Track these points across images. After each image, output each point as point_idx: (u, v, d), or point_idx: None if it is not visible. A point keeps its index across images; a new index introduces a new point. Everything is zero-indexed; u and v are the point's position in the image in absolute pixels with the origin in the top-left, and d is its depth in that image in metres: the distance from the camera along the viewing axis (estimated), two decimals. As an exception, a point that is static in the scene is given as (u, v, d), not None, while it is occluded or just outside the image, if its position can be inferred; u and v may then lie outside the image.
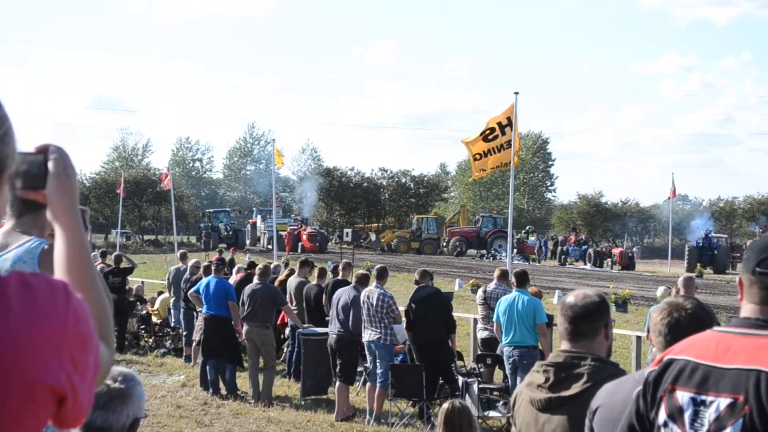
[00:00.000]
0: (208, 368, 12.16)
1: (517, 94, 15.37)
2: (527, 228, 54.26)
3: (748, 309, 2.18)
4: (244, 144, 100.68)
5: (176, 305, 15.89)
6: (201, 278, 13.20)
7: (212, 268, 12.76)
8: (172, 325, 16.35)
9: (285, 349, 13.96)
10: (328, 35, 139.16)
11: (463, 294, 24.99)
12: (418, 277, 11.07)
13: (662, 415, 2.22)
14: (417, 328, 10.64)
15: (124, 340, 15.76)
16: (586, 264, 46.06)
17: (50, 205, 1.62)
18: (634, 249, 56.43)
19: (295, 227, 50.54)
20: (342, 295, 11.02)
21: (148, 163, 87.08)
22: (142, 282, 21.44)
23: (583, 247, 48.97)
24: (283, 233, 46.80)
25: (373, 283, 10.74)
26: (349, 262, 13.75)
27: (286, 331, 13.69)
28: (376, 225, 60.46)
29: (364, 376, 11.42)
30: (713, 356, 2.15)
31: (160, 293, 18.23)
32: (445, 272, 33.89)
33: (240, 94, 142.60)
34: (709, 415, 2.10)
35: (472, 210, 73.38)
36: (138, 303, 17.22)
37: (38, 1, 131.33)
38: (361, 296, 10.65)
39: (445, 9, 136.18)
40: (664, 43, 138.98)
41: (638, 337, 11.86)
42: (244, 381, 12.35)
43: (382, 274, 10.89)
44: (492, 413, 10.10)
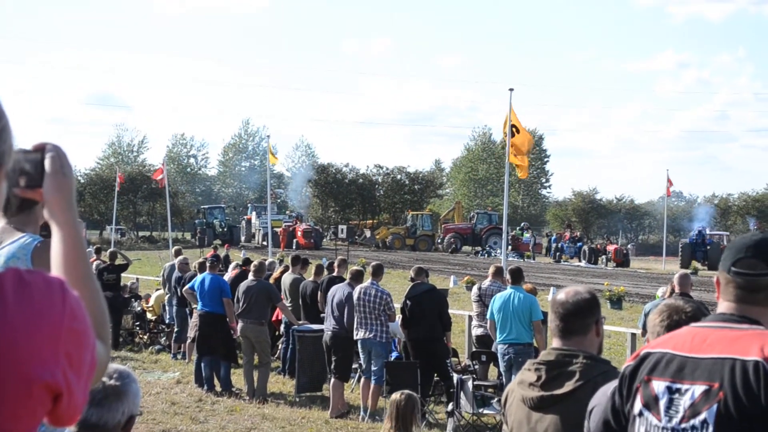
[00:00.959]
0: (202, 365, 12.15)
1: (511, 90, 15.46)
2: (522, 225, 54.28)
3: (724, 306, 2.26)
4: (239, 140, 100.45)
5: (171, 302, 15.90)
6: (195, 275, 13.19)
7: (207, 265, 12.75)
8: (167, 321, 16.33)
9: (279, 346, 13.97)
10: (323, 32, 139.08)
11: (457, 291, 25.00)
12: (414, 274, 11.09)
13: (638, 405, 2.25)
14: (412, 325, 10.65)
15: (119, 337, 15.74)
16: (580, 261, 46.14)
17: (47, 204, 1.62)
18: (629, 246, 56.60)
19: (290, 224, 50.47)
20: (337, 292, 11.02)
21: (144, 159, 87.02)
22: (137, 278, 21.41)
23: (578, 244, 49.04)
24: (278, 230, 46.73)
25: (368, 280, 10.74)
26: (344, 259, 13.73)
27: (281, 328, 13.69)
28: (371, 221, 60.35)
29: (359, 373, 11.43)
30: (689, 348, 2.20)
31: (158, 290, 18.20)
32: (440, 269, 33.91)
33: (235, 90, 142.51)
34: (684, 402, 2.14)
35: (467, 207, 73.35)
36: (133, 300, 17.20)
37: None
38: (355, 292, 10.63)
39: (440, 5, 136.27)
40: (659, 40, 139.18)
41: (633, 335, 11.88)
42: (239, 378, 12.34)
43: (378, 271, 10.91)
44: (486, 410, 10.11)
